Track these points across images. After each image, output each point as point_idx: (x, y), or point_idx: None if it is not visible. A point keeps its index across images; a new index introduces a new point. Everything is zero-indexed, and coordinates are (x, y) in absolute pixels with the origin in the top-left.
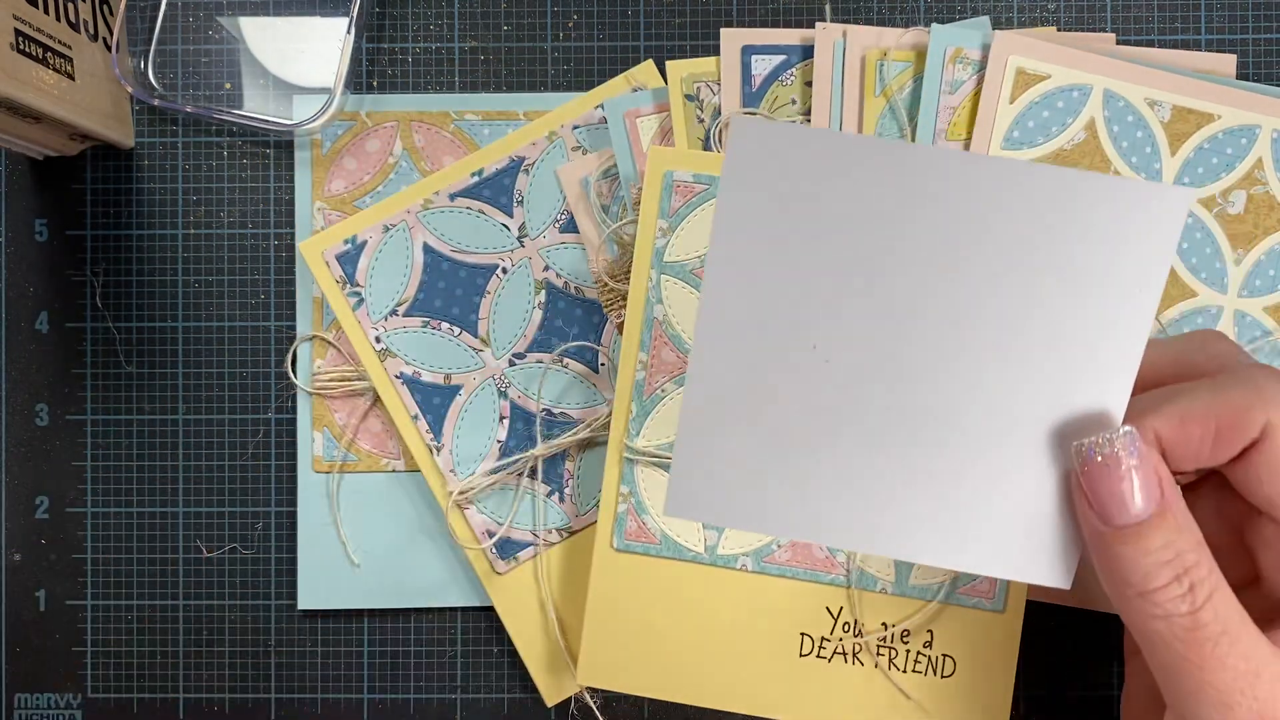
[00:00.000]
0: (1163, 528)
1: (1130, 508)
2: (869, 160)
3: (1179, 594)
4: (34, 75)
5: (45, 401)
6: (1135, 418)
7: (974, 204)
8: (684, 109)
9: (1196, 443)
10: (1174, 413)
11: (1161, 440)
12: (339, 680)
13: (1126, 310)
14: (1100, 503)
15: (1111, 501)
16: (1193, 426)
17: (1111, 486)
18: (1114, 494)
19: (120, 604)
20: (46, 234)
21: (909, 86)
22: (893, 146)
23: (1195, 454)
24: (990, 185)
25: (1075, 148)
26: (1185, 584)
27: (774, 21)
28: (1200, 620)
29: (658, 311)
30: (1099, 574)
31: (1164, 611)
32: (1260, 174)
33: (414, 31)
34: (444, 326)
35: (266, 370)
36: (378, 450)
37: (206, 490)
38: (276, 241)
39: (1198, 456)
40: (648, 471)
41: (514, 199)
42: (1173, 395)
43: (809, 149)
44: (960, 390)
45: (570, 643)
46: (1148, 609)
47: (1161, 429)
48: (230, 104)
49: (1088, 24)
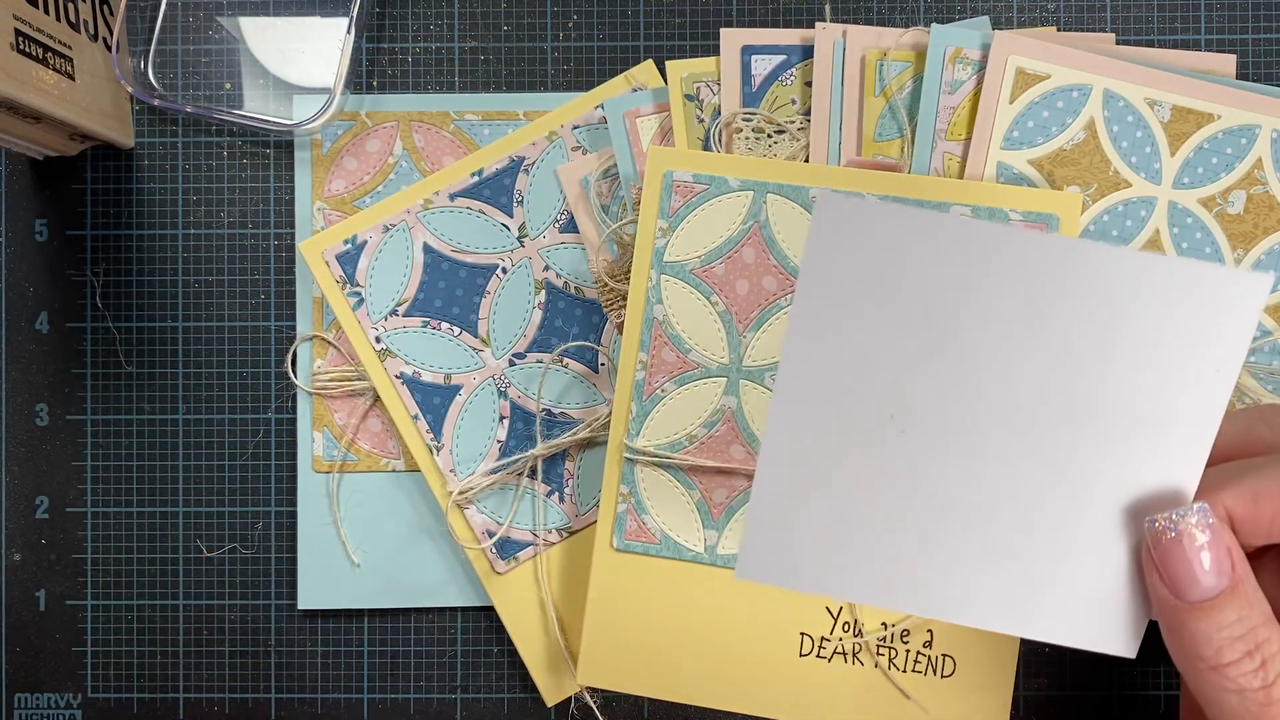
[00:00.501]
0: (1235, 603)
1: (1203, 583)
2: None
3: (1252, 669)
4: (34, 75)
5: (45, 401)
6: (1207, 493)
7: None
8: (684, 109)
9: (1269, 519)
10: (1246, 489)
11: (1233, 516)
12: (339, 680)
13: (1202, 392)
14: (1173, 578)
15: (1184, 577)
16: (1265, 503)
17: (1184, 562)
18: (1187, 569)
19: (120, 604)
20: (46, 234)
21: (909, 86)
22: (974, 226)
23: (1267, 530)
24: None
25: (1075, 148)
26: (1258, 659)
27: (774, 21)
28: (1273, 696)
29: (658, 311)
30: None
31: (1237, 686)
32: (1260, 174)
33: (414, 31)
34: (444, 326)
35: (266, 370)
36: (378, 450)
37: (206, 490)
38: (276, 241)
39: (1269, 533)
40: (647, 471)
41: (514, 199)
42: (1245, 471)
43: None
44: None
45: (570, 643)
46: (1221, 682)
47: (1233, 505)
48: (230, 104)
49: (1088, 24)
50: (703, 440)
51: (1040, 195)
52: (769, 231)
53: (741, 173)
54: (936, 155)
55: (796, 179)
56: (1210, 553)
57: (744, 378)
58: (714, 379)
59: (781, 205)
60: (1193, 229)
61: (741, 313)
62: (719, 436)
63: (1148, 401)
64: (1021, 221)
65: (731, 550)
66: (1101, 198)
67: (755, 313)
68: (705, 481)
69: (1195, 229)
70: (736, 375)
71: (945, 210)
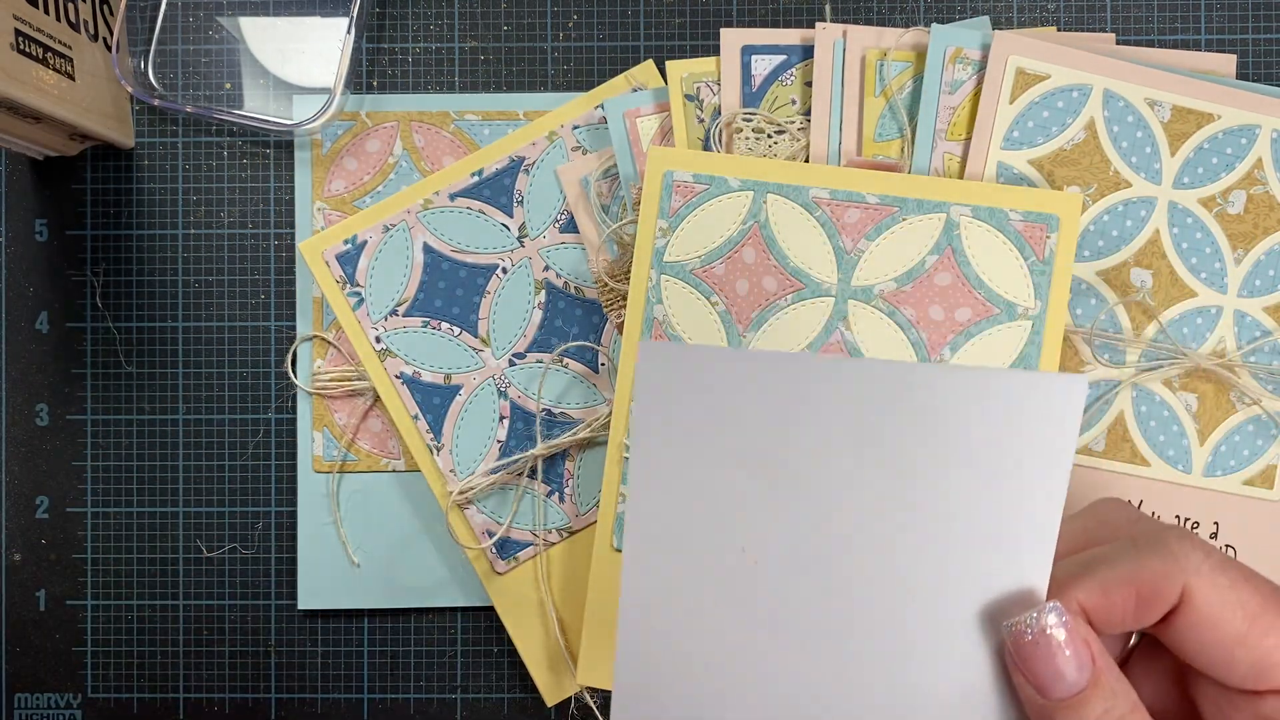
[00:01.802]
0: (1099, 695)
1: (1066, 680)
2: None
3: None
4: (34, 75)
5: (45, 401)
6: (1058, 590)
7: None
8: (684, 109)
9: (1120, 609)
10: (1094, 583)
11: (1086, 609)
12: (339, 680)
13: (1039, 494)
14: (1036, 678)
15: (1047, 676)
16: (1114, 594)
17: (1045, 662)
18: (1048, 668)
19: (120, 604)
20: (46, 234)
21: (909, 86)
22: (794, 360)
23: (1120, 620)
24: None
25: (1075, 148)
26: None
27: (774, 21)
28: None
29: (658, 311)
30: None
31: None
32: (1260, 174)
33: (414, 31)
34: (444, 326)
35: (266, 370)
36: (378, 450)
37: (206, 490)
38: (276, 241)
39: (1123, 622)
40: None
41: (514, 199)
42: (1092, 563)
43: (713, 367)
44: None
45: (570, 643)
46: None
47: (1084, 599)
48: (230, 104)
49: (1088, 24)
50: None
51: (1040, 195)
52: (769, 231)
53: (741, 173)
54: (936, 155)
55: (796, 179)
56: (1070, 649)
57: None
58: None
59: (781, 205)
60: (1193, 229)
61: (741, 313)
62: None
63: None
64: (1022, 222)
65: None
66: (1101, 198)
67: (755, 313)
68: None
69: (1195, 229)
70: None
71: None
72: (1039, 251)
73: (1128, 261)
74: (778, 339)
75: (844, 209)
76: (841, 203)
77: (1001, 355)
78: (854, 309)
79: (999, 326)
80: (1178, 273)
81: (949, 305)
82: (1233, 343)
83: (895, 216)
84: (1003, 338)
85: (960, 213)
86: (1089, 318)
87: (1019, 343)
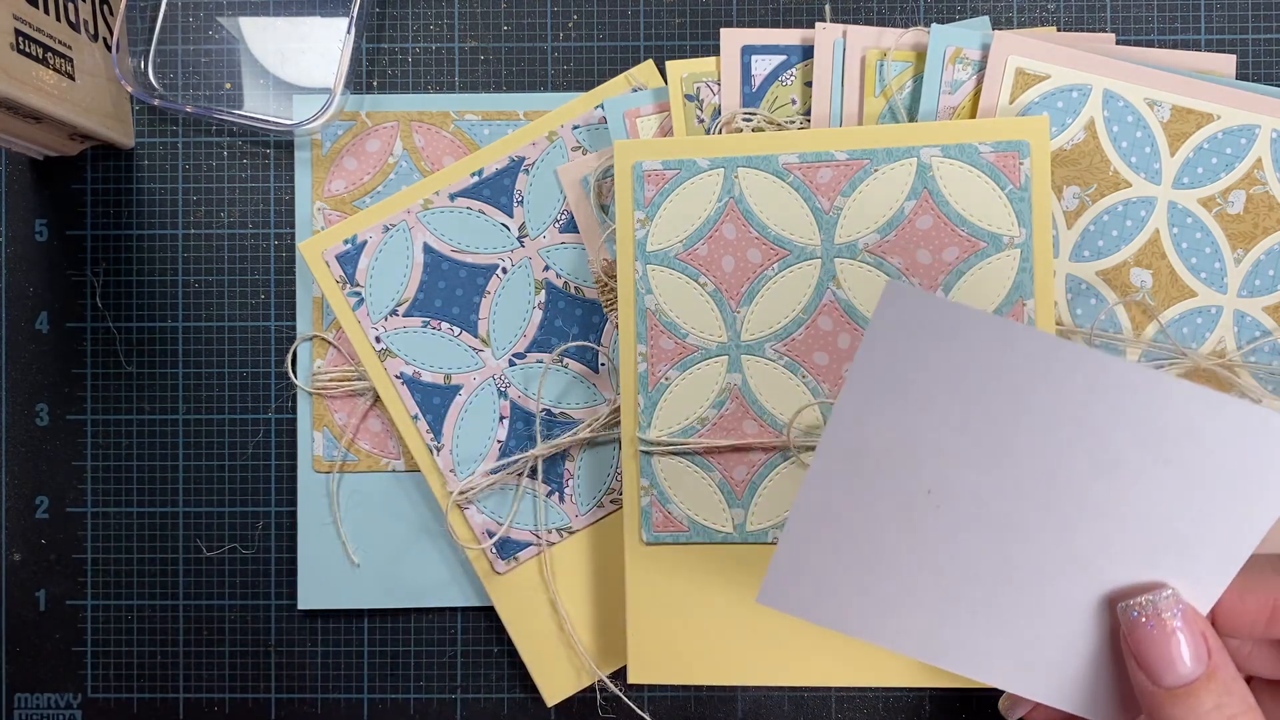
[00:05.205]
0: (1212, 690)
1: (1178, 669)
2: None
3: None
4: (34, 75)
5: (45, 401)
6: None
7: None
8: (684, 109)
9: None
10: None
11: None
12: (339, 680)
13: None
14: (1148, 663)
15: (1160, 662)
16: (1250, 600)
17: (1158, 648)
18: (1162, 655)
19: (120, 604)
20: (46, 234)
21: (909, 86)
22: (1034, 336)
23: (1249, 626)
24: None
25: (1075, 148)
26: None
27: (774, 21)
28: None
29: (649, 302)
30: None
31: None
32: (1260, 174)
33: (414, 31)
34: (444, 326)
35: (266, 370)
36: (378, 450)
37: (206, 490)
38: (276, 241)
39: (1251, 629)
40: (665, 461)
41: (514, 199)
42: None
43: (955, 322)
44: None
45: (581, 639)
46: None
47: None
48: (230, 104)
49: (1088, 24)
50: (714, 421)
51: (1006, 124)
52: (745, 205)
53: (709, 152)
54: None
55: (764, 149)
56: (1185, 638)
57: (744, 352)
58: (715, 359)
59: (753, 177)
60: (1193, 229)
61: (731, 289)
62: (730, 415)
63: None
64: (993, 153)
65: (760, 525)
66: (1101, 197)
67: (745, 286)
68: (723, 461)
69: (1195, 229)
70: (737, 351)
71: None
72: (1014, 179)
73: (1128, 261)
74: (771, 308)
75: (815, 170)
76: (811, 164)
77: (995, 287)
78: (841, 267)
79: (988, 259)
80: (1177, 273)
81: (935, 247)
82: (1233, 343)
83: (867, 169)
84: (993, 270)
85: (930, 154)
86: (1089, 318)
87: (1010, 271)
